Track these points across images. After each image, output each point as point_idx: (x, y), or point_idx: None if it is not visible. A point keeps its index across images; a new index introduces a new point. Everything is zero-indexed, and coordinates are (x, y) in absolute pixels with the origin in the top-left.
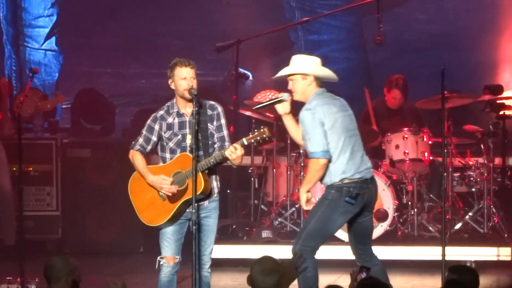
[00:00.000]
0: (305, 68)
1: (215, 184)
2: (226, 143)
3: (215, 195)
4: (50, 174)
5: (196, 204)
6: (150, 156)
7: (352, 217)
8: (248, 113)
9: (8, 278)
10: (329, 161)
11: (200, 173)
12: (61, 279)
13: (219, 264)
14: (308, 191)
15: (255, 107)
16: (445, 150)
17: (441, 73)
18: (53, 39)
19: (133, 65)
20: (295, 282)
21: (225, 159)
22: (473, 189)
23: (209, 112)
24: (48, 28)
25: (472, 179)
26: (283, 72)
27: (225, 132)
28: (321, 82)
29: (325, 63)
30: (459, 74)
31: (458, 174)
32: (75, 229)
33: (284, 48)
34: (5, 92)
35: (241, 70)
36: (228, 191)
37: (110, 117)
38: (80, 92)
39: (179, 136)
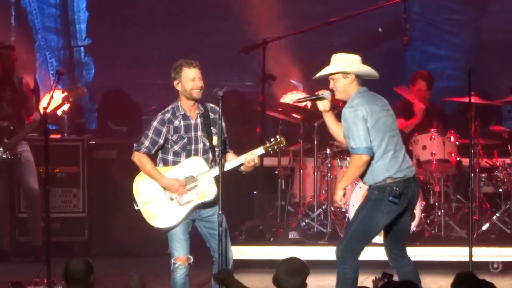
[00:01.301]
0: (346, 66)
1: None
2: (227, 146)
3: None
4: (76, 175)
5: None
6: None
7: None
8: (274, 114)
9: (35, 280)
10: (372, 159)
11: (213, 178)
12: (80, 281)
13: (246, 265)
14: (345, 189)
15: (296, 100)
16: (472, 151)
17: (468, 74)
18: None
19: None
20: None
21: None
22: (500, 190)
23: (211, 115)
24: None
25: (499, 179)
26: (324, 72)
27: (226, 135)
28: (363, 81)
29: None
30: (486, 74)
31: (485, 175)
32: (102, 231)
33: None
34: (28, 91)
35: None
36: (255, 192)
37: (137, 118)
38: (106, 93)
39: (185, 140)
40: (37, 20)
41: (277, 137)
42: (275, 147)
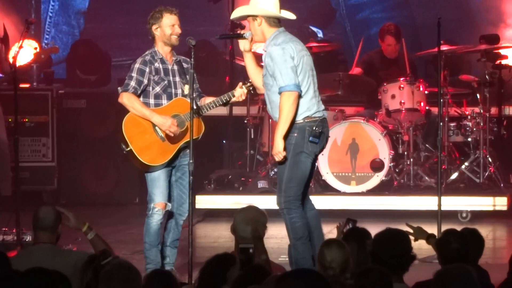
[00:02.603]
0: (251, 10)
1: None
2: (201, 92)
3: None
4: (45, 125)
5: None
6: None
7: None
8: (244, 63)
9: (3, 229)
10: (300, 97)
11: (199, 118)
12: (49, 229)
13: (215, 215)
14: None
15: (220, 35)
16: (441, 100)
17: (437, 24)
18: None
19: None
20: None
21: (228, 101)
22: (469, 139)
23: (184, 65)
24: None
25: (468, 129)
26: (234, 15)
27: (198, 85)
28: (279, 22)
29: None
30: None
31: (454, 124)
32: (71, 180)
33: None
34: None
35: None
36: (224, 141)
37: (106, 68)
38: (76, 43)
39: (165, 82)
40: None
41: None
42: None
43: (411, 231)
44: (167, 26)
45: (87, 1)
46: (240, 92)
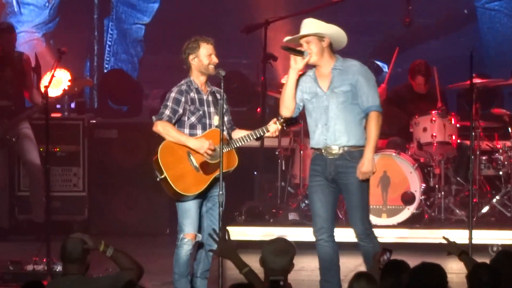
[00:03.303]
0: (328, 29)
1: None
2: (232, 125)
3: None
4: (77, 154)
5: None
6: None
7: None
8: (275, 94)
9: (34, 258)
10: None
11: (233, 150)
12: (76, 260)
13: (245, 246)
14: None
15: (282, 47)
16: (473, 133)
17: (470, 56)
18: None
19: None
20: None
21: (262, 136)
22: (501, 173)
23: (218, 96)
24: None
25: (499, 162)
26: (307, 30)
27: (230, 117)
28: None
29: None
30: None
31: (485, 157)
32: (101, 210)
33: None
34: (28, 68)
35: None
36: (255, 173)
37: (138, 98)
38: (107, 73)
39: (201, 112)
40: None
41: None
42: (289, 121)
43: (446, 242)
44: (205, 56)
45: (143, 30)
46: (274, 128)
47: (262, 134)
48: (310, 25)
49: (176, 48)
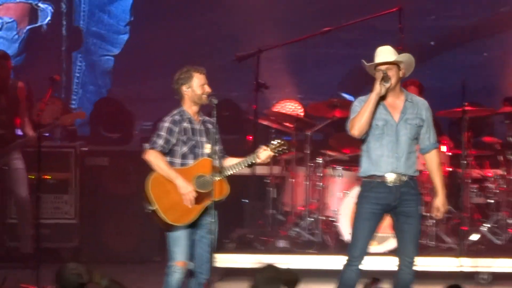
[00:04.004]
0: (411, 59)
1: None
2: (224, 153)
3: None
4: (68, 182)
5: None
6: None
7: None
8: (267, 123)
9: (23, 286)
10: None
11: (224, 178)
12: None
13: (235, 274)
14: None
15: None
16: (464, 161)
17: (461, 85)
18: None
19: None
20: None
21: (253, 164)
22: (491, 201)
23: (209, 126)
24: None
25: (490, 190)
26: (401, 57)
27: (221, 146)
28: None
29: None
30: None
31: (476, 186)
32: (92, 238)
33: None
34: (22, 96)
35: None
36: (246, 200)
37: (129, 126)
38: (99, 101)
39: (193, 142)
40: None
41: (278, 140)
42: (280, 148)
43: None
44: (198, 86)
45: (112, 61)
46: (265, 155)
47: (253, 161)
48: (390, 53)
49: (144, 79)
